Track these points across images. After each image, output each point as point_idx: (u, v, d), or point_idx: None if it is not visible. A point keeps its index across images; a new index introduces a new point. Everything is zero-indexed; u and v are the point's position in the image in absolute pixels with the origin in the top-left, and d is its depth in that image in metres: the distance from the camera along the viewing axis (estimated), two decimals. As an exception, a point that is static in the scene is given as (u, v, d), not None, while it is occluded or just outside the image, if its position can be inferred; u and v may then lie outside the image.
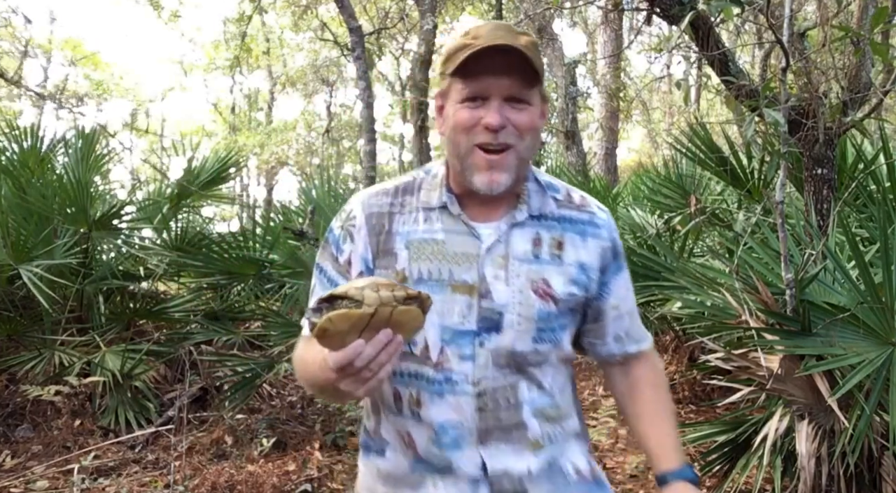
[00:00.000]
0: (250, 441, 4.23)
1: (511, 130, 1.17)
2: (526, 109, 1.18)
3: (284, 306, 4.99)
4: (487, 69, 1.15)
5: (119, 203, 5.34)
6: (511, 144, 1.17)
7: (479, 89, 1.16)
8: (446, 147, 1.24)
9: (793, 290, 2.72)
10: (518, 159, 1.19)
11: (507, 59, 1.14)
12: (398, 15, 11.91)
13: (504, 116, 1.15)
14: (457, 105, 1.19)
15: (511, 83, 1.16)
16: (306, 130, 19.96)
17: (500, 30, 1.17)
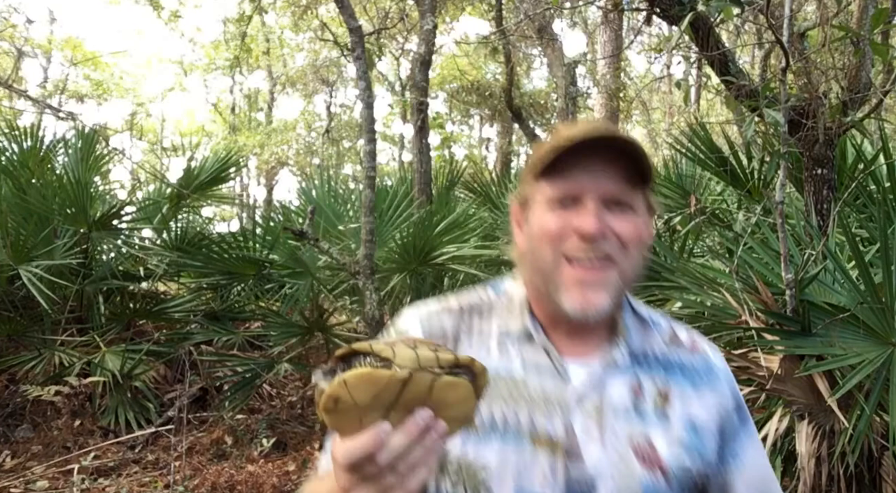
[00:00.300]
0: (250, 441, 4.23)
1: (612, 240, 0.94)
2: (630, 216, 0.96)
3: (284, 306, 4.99)
4: (582, 166, 0.94)
5: (119, 203, 5.35)
6: (612, 256, 0.94)
7: (570, 189, 0.94)
8: (526, 263, 1.02)
9: (793, 290, 2.72)
10: (621, 278, 0.95)
11: (606, 154, 0.94)
12: (398, 15, 11.90)
13: (603, 221, 0.93)
14: (541, 210, 0.97)
15: (611, 182, 0.94)
16: (306, 130, 19.96)
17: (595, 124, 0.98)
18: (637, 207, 0.97)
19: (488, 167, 14.70)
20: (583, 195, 0.94)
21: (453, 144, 20.38)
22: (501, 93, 11.95)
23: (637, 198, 0.97)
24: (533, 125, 12.55)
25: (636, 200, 0.97)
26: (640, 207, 0.98)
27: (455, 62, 15.69)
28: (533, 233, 0.99)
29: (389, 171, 19.07)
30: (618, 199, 0.95)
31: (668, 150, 6.94)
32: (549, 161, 0.94)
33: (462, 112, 18.67)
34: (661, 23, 4.64)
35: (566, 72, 8.88)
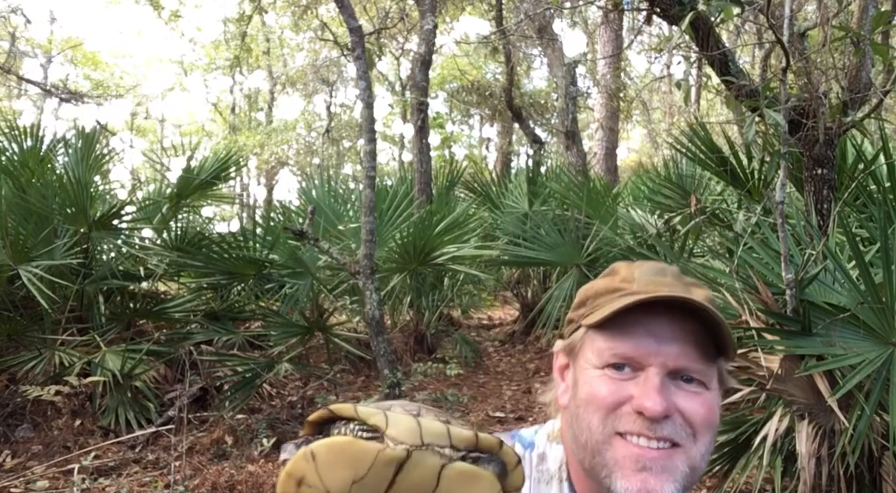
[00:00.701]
0: (250, 441, 4.23)
1: (679, 422, 0.77)
2: (702, 394, 0.79)
3: (284, 306, 5.00)
4: (648, 327, 0.79)
5: (119, 203, 5.35)
6: (678, 442, 0.77)
7: (630, 352, 0.79)
8: (568, 427, 0.86)
9: (793, 290, 2.72)
10: (689, 466, 0.78)
11: (677, 318, 0.79)
12: (398, 15, 11.91)
13: (668, 399, 0.77)
14: (592, 369, 0.82)
15: (682, 352, 0.78)
16: (306, 130, 19.97)
17: (665, 275, 0.83)
18: (709, 384, 0.81)
19: (488, 167, 14.70)
20: (646, 364, 0.78)
21: (453, 144, 20.38)
22: (501, 93, 11.95)
23: (712, 372, 0.81)
24: (533, 125, 12.55)
25: (711, 376, 0.81)
26: (713, 383, 0.82)
27: (455, 62, 15.69)
28: (580, 396, 0.83)
29: (389, 171, 19.08)
30: (688, 373, 0.79)
31: (668, 150, 6.94)
32: (610, 317, 0.79)
33: (462, 112, 18.68)
34: (661, 23, 4.64)
35: (566, 72, 8.88)
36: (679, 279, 0.83)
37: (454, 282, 6.94)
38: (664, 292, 0.79)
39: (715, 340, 0.80)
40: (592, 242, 5.84)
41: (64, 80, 16.47)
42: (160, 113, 22.49)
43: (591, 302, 0.84)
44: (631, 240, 5.33)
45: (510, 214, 7.09)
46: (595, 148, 10.78)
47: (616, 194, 6.87)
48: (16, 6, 9.72)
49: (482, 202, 7.60)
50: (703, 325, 0.80)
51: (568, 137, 8.85)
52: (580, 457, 0.83)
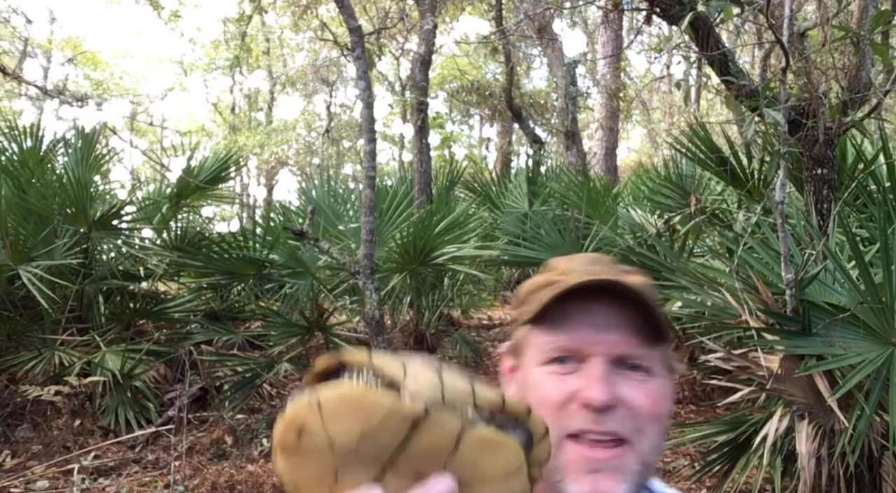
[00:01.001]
0: (250, 441, 4.23)
1: (624, 414, 0.75)
2: (647, 382, 0.78)
3: (284, 306, 5.00)
4: (584, 314, 0.79)
5: (119, 203, 5.35)
6: (624, 436, 0.75)
7: (570, 343, 0.78)
8: None
9: (793, 290, 2.72)
10: (641, 463, 0.76)
11: (614, 304, 0.79)
12: (398, 15, 11.91)
13: (613, 389, 0.75)
14: (538, 369, 0.80)
15: (623, 339, 0.78)
16: (306, 130, 19.97)
17: (599, 263, 0.83)
18: (654, 370, 0.79)
19: (488, 167, 14.71)
20: (588, 353, 0.77)
21: (453, 144, 20.38)
22: (501, 93, 11.95)
23: (653, 358, 0.80)
24: (533, 125, 12.55)
25: (654, 361, 0.80)
26: (659, 368, 0.80)
27: (455, 62, 15.69)
28: (526, 395, 0.81)
29: (389, 171, 19.07)
30: (631, 359, 0.78)
31: (668, 150, 6.94)
32: (544, 308, 0.78)
33: (462, 112, 18.68)
34: (661, 23, 4.64)
35: (566, 72, 8.88)
36: (613, 266, 0.82)
37: (454, 282, 6.94)
38: (600, 276, 0.78)
39: (653, 326, 0.79)
40: (592, 242, 5.84)
41: (64, 81, 16.48)
42: (160, 113, 22.51)
43: (530, 298, 0.82)
44: (631, 240, 5.33)
45: (510, 214, 7.09)
46: (595, 148, 10.78)
47: (616, 194, 6.87)
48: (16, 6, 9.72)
49: (482, 202, 7.60)
50: (640, 311, 0.79)
51: (568, 137, 8.86)
52: None
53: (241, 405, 4.56)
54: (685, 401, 4.90)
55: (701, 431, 3.38)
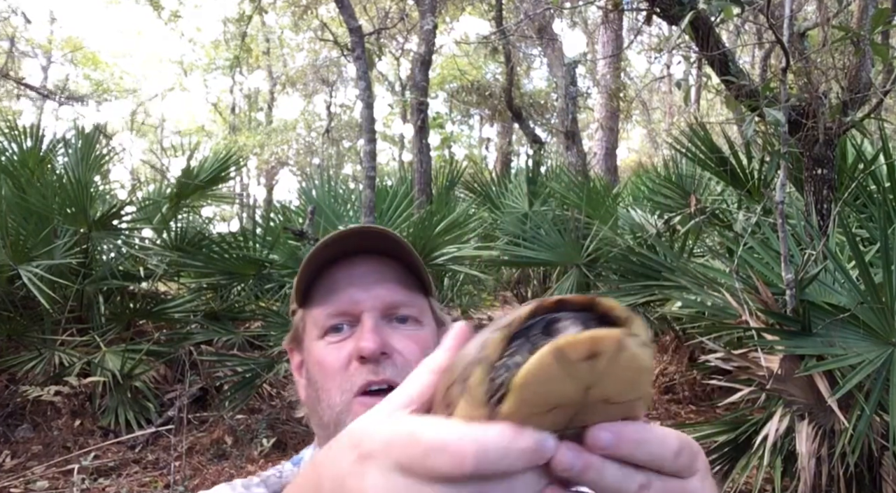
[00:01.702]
0: (250, 441, 4.23)
1: (399, 363, 0.78)
2: (418, 333, 0.81)
3: (284, 306, 4.99)
4: (349, 278, 0.81)
5: (119, 203, 5.34)
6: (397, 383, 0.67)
7: (341, 306, 0.80)
8: (312, 414, 0.83)
9: (793, 290, 2.72)
10: None
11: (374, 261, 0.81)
12: (398, 15, 11.92)
13: (384, 338, 0.78)
14: (317, 343, 0.81)
15: (388, 291, 0.80)
16: (306, 130, 19.98)
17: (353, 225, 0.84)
18: (422, 319, 0.82)
19: (488, 167, 14.71)
20: (357, 311, 0.79)
21: (453, 144, 20.39)
22: (501, 93, 11.95)
23: (421, 306, 0.83)
24: (533, 125, 12.56)
25: (423, 310, 0.83)
26: (427, 318, 0.83)
27: (455, 62, 15.69)
28: (311, 375, 0.81)
29: (389, 171, 19.07)
30: (397, 310, 0.80)
31: (668, 150, 6.94)
32: (310, 277, 0.80)
33: (462, 112, 18.68)
34: (661, 23, 4.64)
35: (566, 72, 8.88)
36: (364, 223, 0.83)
37: (454, 282, 6.94)
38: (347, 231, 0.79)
39: (416, 276, 0.83)
40: (592, 243, 5.84)
41: (64, 81, 16.49)
42: (160, 113, 22.51)
43: (300, 278, 0.83)
44: (631, 240, 5.33)
45: (510, 214, 7.09)
46: (595, 148, 10.78)
47: (616, 194, 6.87)
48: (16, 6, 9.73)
49: (482, 202, 7.60)
50: (402, 265, 0.82)
51: (568, 137, 8.86)
52: (325, 436, 0.80)
53: (241, 405, 4.56)
54: (685, 401, 4.90)
55: (701, 431, 3.38)
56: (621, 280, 5.22)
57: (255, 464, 3.91)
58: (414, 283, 0.83)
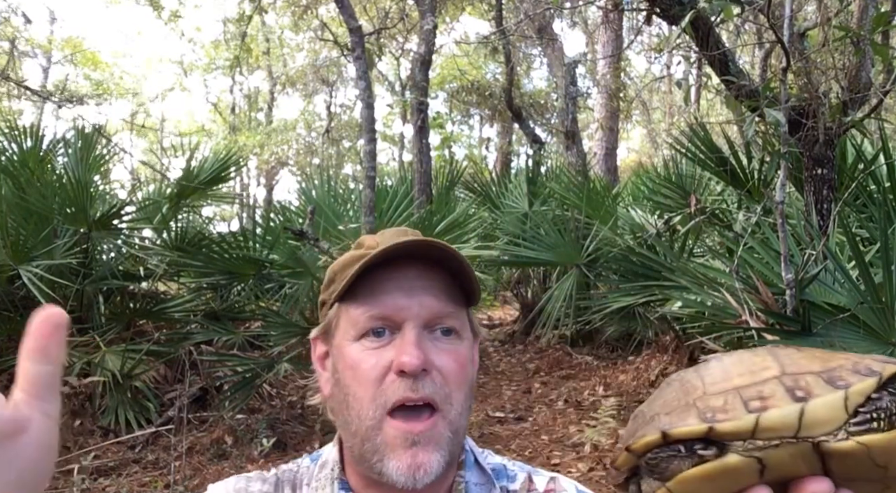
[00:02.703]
0: (250, 441, 4.23)
1: (437, 379, 0.76)
2: (455, 345, 0.79)
3: (284, 306, 4.99)
4: (395, 282, 0.78)
5: (119, 203, 5.34)
6: (436, 403, 0.75)
7: (384, 311, 0.77)
8: (338, 417, 0.81)
9: (793, 290, 2.72)
10: (451, 430, 0.76)
11: (423, 266, 0.79)
12: (398, 15, 11.92)
13: (426, 353, 0.76)
14: (352, 345, 0.78)
15: (434, 302, 0.78)
16: (306, 130, 19.99)
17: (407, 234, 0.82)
18: (462, 333, 0.80)
19: (488, 167, 14.71)
20: (402, 320, 0.76)
21: (453, 144, 20.38)
22: (501, 93, 11.96)
23: (462, 319, 0.81)
24: (533, 125, 12.56)
25: (462, 323, 0.80)
26: (466, 331, 0.81)
27: (455, 62, 15.70)
28: (344, 380, 0.78)
29: (389, 171, 19.07)
30: (441, 321, 0.78)
31: (668, 150, 6.94)
32: (354, 278, 0.77)
33: (462, 112, 18.68)
34: (661, 23, 4.64)
35: (566, 72, 8.88)
36: (419, 236, 0.81)
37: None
38: (405, 242, 0.77)
39: (462, 288, 0.80)
40: (592, 243, 5.84)
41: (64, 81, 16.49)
42: (160, 113, 22.52)
43: (339, 276, 0.80)
44: (631, 240, 5.33)
45: (510, 214, 7.09)
46: (595, 148, 10.78)
47: (616, 194, 6.87)
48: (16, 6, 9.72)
49: (482, 202, 7.60)
50: (449, 273, 0.79)
51: (568, 137, 8.86)
52: (351, 445, 0.79)
53: (241, 405, 4.56)
54: (685, 401, 4.90)
55: (701, 431, 3.38)
56: (621, 280, 5.23)
57: (255, 464, 3.91)
58: (458, 293, 0.80)
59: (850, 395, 0.50)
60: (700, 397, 0.55)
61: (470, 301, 0.82)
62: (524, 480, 0.88)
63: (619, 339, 6.39)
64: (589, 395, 5.33)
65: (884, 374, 0.50)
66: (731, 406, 0.52)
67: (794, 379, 0.52)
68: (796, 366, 0.53)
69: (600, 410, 4.60)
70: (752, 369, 0.55)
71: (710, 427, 0.51)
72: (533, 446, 4.31)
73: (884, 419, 0.49)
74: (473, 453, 0.88)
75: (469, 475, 0.85)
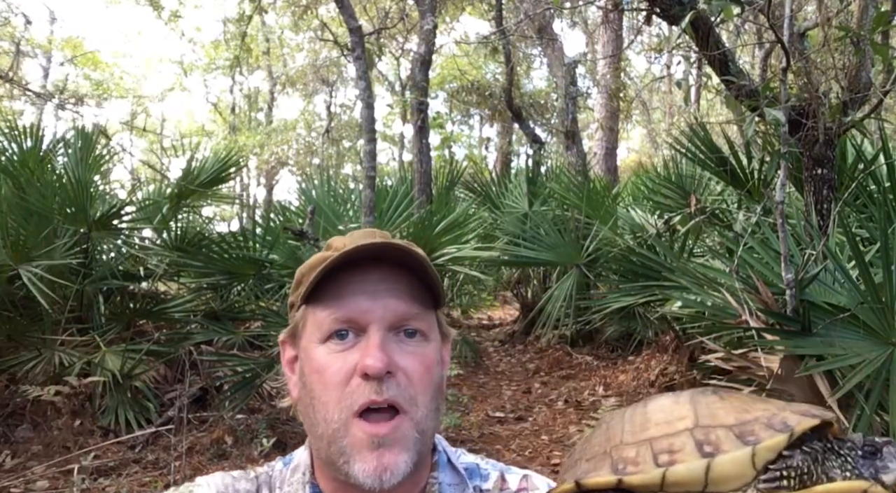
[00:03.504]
0: (250, 441, 4.23)
1: (402, 382, 0.76)
2: (421, 347, 0.79)
3: (284, 306, 4.99)
4: (359, 283, 0.78)
5: (119, 203, 5.34)
6: (399, 404, 0.75)
7: (348, 313, 0.77)
8: (305, 419, 0.81)
9: (793, 290, 2.72)
10: (418, 431, 0.77)
11: (388, 269, 0.79)
12: (398, 15, 11.92)
13: (391, 356, 0.76)
14: (317, 347, 0.79)
15: (398, 304, 0.78)
16: (306, 130, 19.98)
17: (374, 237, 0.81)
18: (429, 334, 0.80)
19: (488, 167, 14.71)
20: (366, 322, 0.77)
21: (453, 144, 20.38)
22: (501, 93, 11.95)
23: (429, 321, 0.81)
24: (533, 125, 12.56)
25: (430, 326, 0.81)
26: (434, 333, 0.82)
27: (455, 62, 15.69)
28: (311, 383, 0.78)
29: (389, 171, 19.08)
30: (406, 323, 0.78)
31: (668, 150, 6.94)
32: (318, 279, 0.77)
33: (462, 112, 18.68)
34: (661, 23, 4.64)
35: (566, 72, 8.88)
36: (387, 238, 0.82)
37: (454, 282, 6.94)
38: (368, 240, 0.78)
39: (429, 289, 0.80)
40: (592, 243, 5.84)
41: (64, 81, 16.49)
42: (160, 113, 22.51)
43: (306, 278, 0.80)
44: (631, 240, 5.33)
45: (510, 214, 7.09)
46: (595, 148, 10.78)
47: (616, 194, 6.87)
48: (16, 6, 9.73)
49: (482, 202, 7.60)
50: (415, 276, 0.79)
51: (568, 137, 8.86)
52: (318, 448, 0.79)
53: (241, 405, 4.56)
54: (685, 401, 4.90)
55: (701, 431, 3.38)
56: (621, 280, 5.23)
57: (255, 464, 3.91)
58: (425, 295, 0.80)
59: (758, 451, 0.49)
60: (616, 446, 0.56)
61: (437, 303, 0.82)
62: (497, 479, 0.89)
63: (619, 339, 6.39)
64: (589, 395, 5.33)
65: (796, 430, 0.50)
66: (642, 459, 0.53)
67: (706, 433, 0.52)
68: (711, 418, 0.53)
69: (600, 410, 4.60)
70: (669, 419, 0.55)
71: (620, 479, 0.52)
72: (533, 446, 4.31)
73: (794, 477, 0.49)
74: (447, 453, 0.88)
75: (442, 476, 0.86)
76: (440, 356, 0.83)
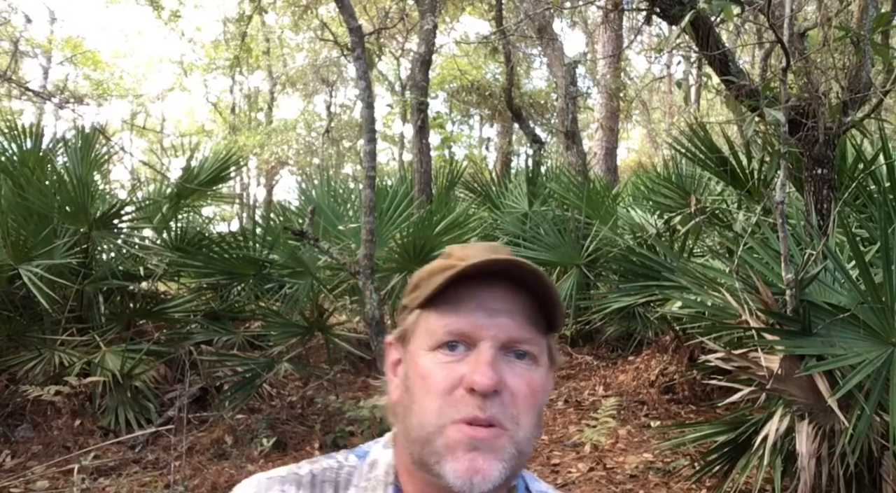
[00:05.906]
0: (250, 441, 4.23)
1: (507, 400, 0.76)
2: (529, 371, 0.78)
3: (284, 306, 5.00)
4: (480, 300, 0.77)
5: (119, 203, 5.34)
6: (500, 422, 0.75)
7: (463, 326, 0.76)
8: (400, 423, 0.81)
9: (793, 290, 2.72)
10: (516, 449, 0.76)
11: (508, 290, 0.78)
12: (398, 15, 11.91)
13: (499, 374, 0.75)
14: (425, 355, 0.78)
15: (514, 323, 0.77)
16: (306, 130, 19.97)
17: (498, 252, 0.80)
18: (539, 359, 0.79)
19: (488, 167, 14.71)
20: (478, 338, 0.76)
21: (453, 144, 20.38)
22: (501, 93, 11.96)
23: (540, 346, 0.79)
24: (533, 125, 12.56)
25: (539, 350, 0.79)
26: (543, 358, 0.80)
27: (455, 62, 15.69)
28: (413, 388, 0.78)
29: (389, 171, 19.08)
30: (517, 345, 0.77)
31: (668, 150, 6.94)
32: (442, 287, 0.76)
33: (462, 112, 18.68)
34: (661, 23, 4.64)
35: (566, 72, 8.88)
36: (510, 254, 0.80)
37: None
38: (497, 259, 0.76)
39: (546, 314, 0.80)
40: (592, 243, 5.84)
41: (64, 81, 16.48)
42: (160, 113, 22.51)
43: (424, 283, 0.80)
44: (631, 240, 5.33)
45: (510, 214, 7.09)
46: (595, 148, 10.78)
47: (616, 194, 6.87)
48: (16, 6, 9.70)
49: (482, 202, 7.60)
50: (535, 298, 0.79)
51: (568, 137, 8.85)
52: (410, 451, 0.78)
53: (241, 405, 4.56)
54: (685, 401, 4.90)
55: (701, 431, 3.39)
56: (621, 280, 5.23)
57: (256, 464, 3.91)
58: (540, 318, 0.79)
59: None
60: None
61: (552, 328, 0.81)
62: None
63: (619, 339, 6.39)
64: (589, 395, 5.33)
65: None
66: None
67: None
68: None
69: (600, 410, 4.60)
70: None
71: None
72: (533, 445, 4.31)
73: None
74: (525, 479, 0.88)
75: None
76: (546, 383, 0.81)
